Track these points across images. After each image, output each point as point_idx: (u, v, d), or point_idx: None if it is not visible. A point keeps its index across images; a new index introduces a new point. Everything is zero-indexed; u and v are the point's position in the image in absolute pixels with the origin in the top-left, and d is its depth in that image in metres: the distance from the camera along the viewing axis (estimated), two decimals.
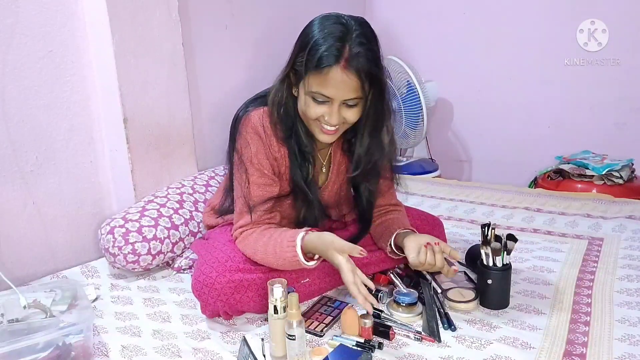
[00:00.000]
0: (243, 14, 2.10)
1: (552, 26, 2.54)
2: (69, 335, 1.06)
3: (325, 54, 1.09)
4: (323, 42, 1.10)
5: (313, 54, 1.10)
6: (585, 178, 2.29)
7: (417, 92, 2.39)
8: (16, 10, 1.37)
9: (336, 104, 1.14)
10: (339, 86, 1.11)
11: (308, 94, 1.14)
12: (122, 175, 1.63)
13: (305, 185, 1.27)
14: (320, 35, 1.11)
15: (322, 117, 1.16)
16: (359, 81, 1.11)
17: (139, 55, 1.59)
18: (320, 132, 1.19)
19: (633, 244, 1.60)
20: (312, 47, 1.11)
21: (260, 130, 1.23)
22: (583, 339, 1.12)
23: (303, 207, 1.30)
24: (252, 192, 1.24)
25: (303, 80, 1.14)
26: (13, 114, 1.39)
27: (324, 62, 1.09)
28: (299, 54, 1.14)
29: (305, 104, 1.16)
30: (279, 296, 1.06)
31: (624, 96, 2.45)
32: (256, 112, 1.24)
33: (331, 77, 1.10)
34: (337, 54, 1.09)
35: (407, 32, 2.91)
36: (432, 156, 2.82)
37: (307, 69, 1.11)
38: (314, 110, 1.15)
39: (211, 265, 1.21)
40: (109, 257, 1.46)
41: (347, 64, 1.09)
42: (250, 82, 2.06)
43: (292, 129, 1.24)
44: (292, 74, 1.19)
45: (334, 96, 1.12)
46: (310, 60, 1.10)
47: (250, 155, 1.24)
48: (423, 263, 1.19)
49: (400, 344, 1.13)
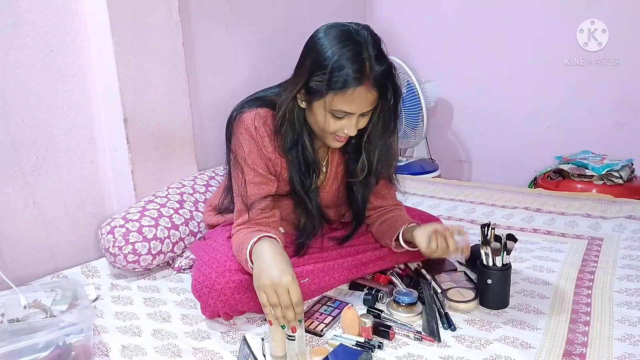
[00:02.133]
0: (243, 14, 2.10)
1: (552, 26, 2.54)
2: (70, 335, 1.06)
3: (351, 76, 1.09)
4: (345, 64, 1.10)
5: (337, 76, 1.10)
6: (585, 178, 2.29)
7: (417, 92, 2.39)
8: (17, 11, 1.37)
9: (355, 117, 1.16)
10: (363, 103, 1.14)
11: (329, 111, 1.15)
12: (122, 175, 1.63)
13: (306, 194, 1.28)
14: (338, 56, 1.10)
15: (339, 131, 1.18)
16: (378, 94, 1.16)
17: (140, 55, 1.59)
18: (334, 140, 1.22)
19: (633, 244, 1.60)
20: (333, 69, 1.10)
21: (253, 131, 1.23)
22: (583, 339, 1.12)
23: (303, 215, 1.31)
24: (248, 191, 1.25)
25: (322, 98, 1.14)
26: (14, 114, 1.40)
27: (349, 85, 1.10)
28: (315, 73, 1.13)
29: (325, 121, 1.17)
30: None
31: (624, 96, 2.46)
32: (249, 113, 1.24)
33: (356, 97, 1.12)
34: (362, 76, 1.10)
35: (407, 32, 2.91)
36: (432, 156, 2.82)
37: (329, 89, 1.12)
38: (333, 126, 1.17)
39: (211, 266, 1.22)
40: (109, 257, 1.46)
41: (369, 83, 1.12)
42: (250, 82, 2.06)
43: (296, 141, 1.24)
44: (303, 91, 1.18)
45: (356, 112, 1.15)
46: (334, 82, 1.10)
47: (244, 156, 1.24)
48: (435, 250, 1.19)
49: (400, 343, 1.13)
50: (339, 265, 1.35)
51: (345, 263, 1.35)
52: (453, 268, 1.45)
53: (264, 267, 1.08)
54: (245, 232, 1.22)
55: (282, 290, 1.03)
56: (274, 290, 1.04)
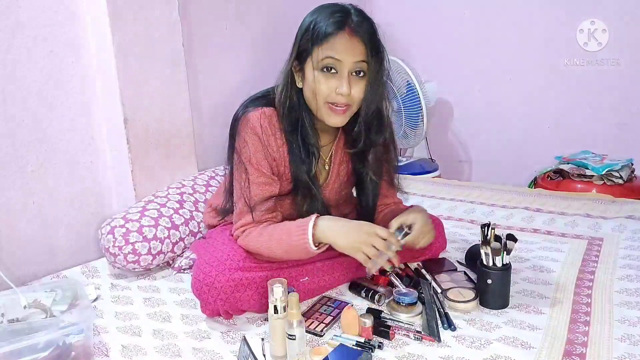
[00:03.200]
0: (243, 14, 2.10)
1: (552, 26, 2.54)
2: (70, 335, 1.06)
3: (331, 21, 1.15)
4: (326, 17, 1.16)
5: (318, 28, 1.16)
6: (585, 178, 2.29)
7: (417, 92, 2.39)
8: (17, 11, 1.37)
9: (345, 71, 1.17)
10: (348, 50, 1.15)
11: (317, 66, 1.17)
12: (122, 175, 1.63)
13: (309, 179, 1.28)
14: (319, 13, 1.18)
15: (332, 94, 1.18)
16: (364, 46, 1.16)
17: (140, 55, 1.59)
18: (331, 113, 1.20)
19: (633, 244, 1.60)
20: (315, 24, 1.16)
21: (259, 130, 1.23)
22: (583, 339, 1.12)
23: (305, 202, 1.30)
24: (252, 191, 1.25)
25: (310, 57, 1.17)
26: (14, 114, 1.40)
27: (330, 28, 1.14)
28: (302, 37, 1.19)
29: (315, 82, 1.18)
30: (279, 296, 1.06)
31: (624, 96, 2.46)
32: (255, 113, 1.24)
33: (339, 42, 1.15)
34: (342, 21, 1.15)
35: (407, 32, 2.91)
36: (432, 156, 2.82)
37: (314, 43, 1.16)
38: (325, 86, 1.17)
39: (211, 264, 1.22)
40: (109, 257, 1.46)
41: (352, 30, 1.15)
42: (250, 82, 2.07)
43: (297, 123, 1.25)
44: (296, 62, 1.21)
45: (343, 58, 1.15)
46: (317, 33, 1.15)
47: (249, 155, 1.24)
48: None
49: (400, 343, 1.13)
50: (339, 264, 1.35)
51: (346, 262, 1.35)
52: (453, 268, 1.45)
53: (346, 230, 1.18)
54: (268, 227, 1.23)
55: (375, 238, 1.16)
56: (370, 244, 1.15)
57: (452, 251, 1.59)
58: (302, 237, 1.18)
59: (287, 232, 1.20)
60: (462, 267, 1.46)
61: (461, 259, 1.51)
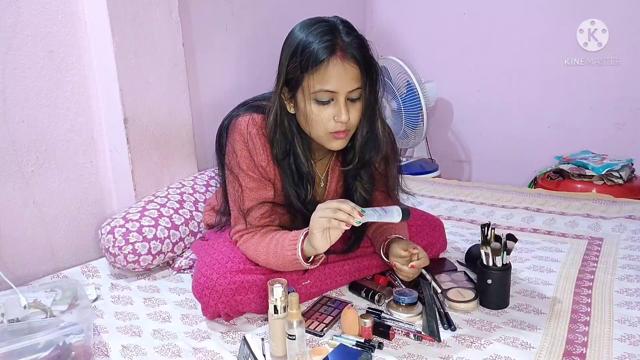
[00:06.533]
0: (243, 14, 2.10)
1: (552, 26, 2.54)
2: (70, 335, 1.06)
3: (320, 47, 1.07)
4: (313, 39, 1.09)
5: (307, 53, 1.08)
6: (585, 178, 2.29)
7: (417, 92, 2.39)
8: (17, 11, 1.37)
9: (342, 98, 1.11)
10: (342, 77, 1.09)
11: (310, 97, 1.11)
12: (122, 175, 1.63)
13: (303, 205, 1.24)
14: (307, 35, 1.10)
15: (331, 123, 1.13)
16: (358, 68, 1.11)
17: (140, 55, 1.59)
18: (332, 139, 1.16)
19: (633, 244, 1.60)
20: (303, 48, 1.09)
21: (246, 136, 1.20)
22: (583, 339, 1.12)
23: (297, 219, 1.28)
24: (245, 197, 1.23)
25: (301, 86, 1.11)
26: (14, 114, 1.40)
27: (320, 56, 1.07)
28: (290, 61, 1.11)
29: (310, 112, 1.12)
30: (279, 296, 1.06)
31: (624, 96, 2.46)
32: (243, 119, 1.22)
33: (331, 70, 1.08)
34: (332, 45, 1.08)
35: (407, 32, 2.91)
36: (432, 156, 2.82)
37: (303, 70, 1.09)
38: (321, 115, 1.12)
39: (212, 267, 1.21)
40: (109, 257, 1.46)
41: (344, 53, 1.09)
42: (250, 83, 2.07)
43: (288, 150, 1.21)
44: (285, 89, 1.16)
45: (338, 89, 1.10)
46: (306, 60, 1.08)
47: (239, 162, 1.22)
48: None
49: (400, 343, 1.13)
50: (341, 268, 1.35)
51: (347, 266, 1.35)
52: (453, 268, 1.45)
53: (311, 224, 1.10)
54: (267, 235, 1.21)
55: (329, 209, 1.07)
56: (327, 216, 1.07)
57: (452, 251, 1.59)
58: (294, 254, 1.15)
59: (281, 245, 1.17)
60: (462, 267, 1.46)
61: (461, 259, 1.51)
